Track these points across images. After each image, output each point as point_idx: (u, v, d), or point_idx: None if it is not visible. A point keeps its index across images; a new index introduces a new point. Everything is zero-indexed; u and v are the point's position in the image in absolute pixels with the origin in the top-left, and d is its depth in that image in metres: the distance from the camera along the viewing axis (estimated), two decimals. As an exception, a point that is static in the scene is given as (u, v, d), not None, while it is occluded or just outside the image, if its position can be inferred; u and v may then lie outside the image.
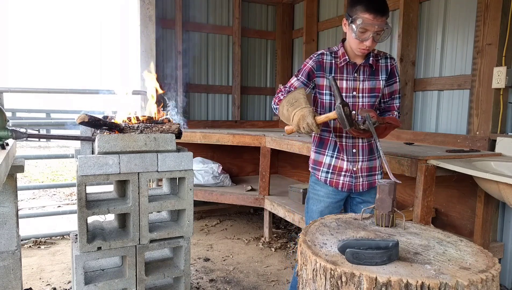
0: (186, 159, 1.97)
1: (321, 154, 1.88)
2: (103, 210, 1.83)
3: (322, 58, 1.79)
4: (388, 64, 1.82)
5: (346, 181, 1.83)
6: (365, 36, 1.63)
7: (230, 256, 3.21)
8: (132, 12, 3.87)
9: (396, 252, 1.02)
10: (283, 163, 4.64)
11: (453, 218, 2.68)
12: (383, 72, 1.81)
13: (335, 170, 1.84)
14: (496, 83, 2.43)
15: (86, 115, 1.80)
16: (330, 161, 1.85)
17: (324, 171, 1.87)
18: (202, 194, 3.67)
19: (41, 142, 11.54)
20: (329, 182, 1.85)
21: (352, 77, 1.78)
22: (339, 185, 1.84)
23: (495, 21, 2.44)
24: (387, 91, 1.86)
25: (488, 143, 2.47)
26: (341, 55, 1.78)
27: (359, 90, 1.79)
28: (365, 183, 1.86)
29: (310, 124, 1.56)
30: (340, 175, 1.84)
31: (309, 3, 4.26)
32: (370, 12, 1.60)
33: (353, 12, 1.64)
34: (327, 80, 1.78)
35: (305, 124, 1.57)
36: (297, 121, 1.58)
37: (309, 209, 1.93)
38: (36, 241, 3.39)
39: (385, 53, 1.85)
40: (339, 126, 1.77)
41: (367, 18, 1.60)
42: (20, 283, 1.87)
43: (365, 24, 1.60)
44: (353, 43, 1.69)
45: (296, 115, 1.59)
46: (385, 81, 1.82)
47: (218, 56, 4.46)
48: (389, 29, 1.65)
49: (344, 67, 1.78)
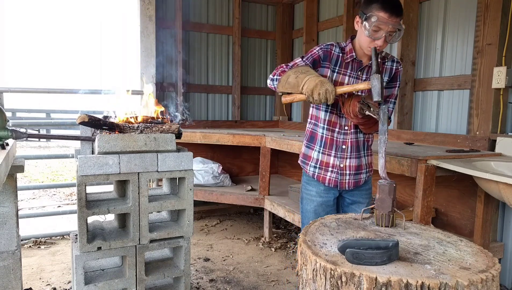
0: (186, 159, 1.97)
1: (310, 149, 1.88)
2: (103, 210, 1.83)
3: (330, 49, 1.76)
4: (393, 67, 1.81)
5: (332, 177, 1.83)
6: (378, 34, 1.62)
7: (230, 256, 3.21)
8: (132, 12, 3.87)
9: (396, 252, 1.02)
10: (283, 163, 4.64)
11: (453, 218, 2.68)
12: (386, 74, 1.80)
13: (322, 165, 1.84)
14: (496, 83, 2.43)
15: (86, 115, 1.81)
16: (317, 156, 1.85)
17: (312, 165, 1.87)
18: (202, 194, 3.67)
19: (41, 142, 11.55)
20: (316, 177, 1.86)
21: (355, 74, 1.77)
22: (325, 181, 1.84)
23: (495, 21, 2.44)
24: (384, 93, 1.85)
25: (488, 143, 2.47)
26: (348, 51, 1.76)
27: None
28: (351, 181, 1.85)
29: (330, 91, 1.47)
30: (327, 171, 1.84)
31: (309, 3, 4.26)
32: (386, 10, 1.58)
33: (368, 9, 1.62)
34: (331, 72, 1.76)
35: (323, 90, 1.47)
36: (313, 86, 1.48)
37: (304, 209, 1.94)
38: (36, 241, 3.39)
39: (393, 56, 1.82)
40: (334, 119, 1.78)
41: (382, 16, 1.58)
42: (20, 283, 1.87)
43: (380, 23, 1.59)
44: (364, 41, 1.67)
45: (311, 80, 1.50)
46: (386, 83, 1.81)
47: (218, 56, 4.46)
48: (402, 30, 1.64)
49: (350, 64, 1.76)
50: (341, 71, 1.77)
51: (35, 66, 34.51)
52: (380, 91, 1.48)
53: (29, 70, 31.91)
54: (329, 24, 4.09)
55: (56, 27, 47.05)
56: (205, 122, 4.35)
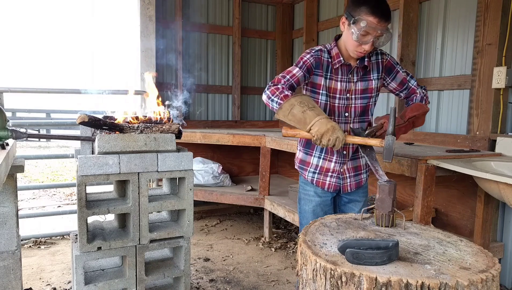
0: (186, 159, 1.97)
1: (308, 155, 1.86)
2: (103, 210, 1.83)
3: (320, 55, 1.72)
4: (379, 60, 1.76)
5: (332, 182, 1.82)
6: (366, 39, 1.57)
7: (230, 256, 3.21)
8: (132, 12, 3.87)
9: (396, 252, 1.02)
10: (283, 163, 4.64)
11: (453, 218, 2.68)
12: (374, 71, 1.76)
13: (322, 171, 1.83)
14: (496, 83, 2.43)
15: (86, 115, 1.80)
16: (317, 162, 1.83)
17: (311, 171, 1.85)
18: (202, 194, 3.67)
19: (41, 142, 11.55)
20: (315, 182, 1.85)
21: (346, 78, 1.74)
22: (325, 186, 1.83)
23: (495, 21, 2.44)
24: (395, 84, 1.81)
25: (488, 143, 2.47)
26: (335, 56, 1.72)
27: (352, 91, 1.76)
28: (353, 184, 1.85)
29: (341, 139, 1.43)
30: (326, 176, 1.83)
31: (309, 3, 4.26)
32: (375, 15, 1.53)
33: (357, 12, 1.56)
34: (324, 80, 1.72)
35: (334, 137, 1.42)
36: (324, 130, 1.42)
37: (302, 210, 1.93)
38: (36, 241, 3.39)
39: (377, 50, 1.76)
40: None
41: (372, 21, 1.53)
42: (20, 283, 1.87)
43: (369, 28, 1.54)
44: (351, 45, 1.64)
45: (323, 124, 1.43)
46: (378, 80, 1.77)
47: (218, 56, 4.46)
48: (389, 34, 1.59)
49: (339, 68, 1.73)
50: (333, 77, 1.74)
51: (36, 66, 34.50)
52: (391, 154, 1.43)
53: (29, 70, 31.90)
54: (329, 24, 4.09)
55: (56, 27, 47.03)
56: (205, 122, 4.36)
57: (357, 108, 1.78)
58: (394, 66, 1.79)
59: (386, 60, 1.78)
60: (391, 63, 1.79)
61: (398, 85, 1.82)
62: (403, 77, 1.80)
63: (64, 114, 11.91)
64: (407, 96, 1.85)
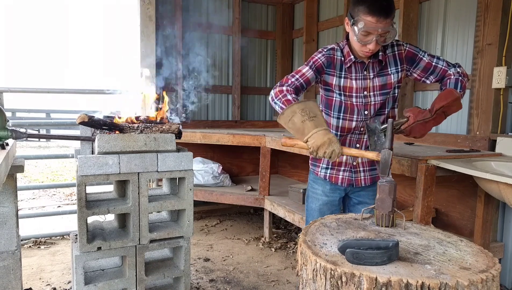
0: (186, 159, 1.97)
1: None
2: (103, 210, 1.83)
3: (333, 54, 1.67)
4: (395, 52, 1.67)
5: (345, 176, 1.81)
6: (368, 39, 1.52)
7: (230, 256, 3.21)
8: (132, 12, 3.87)
9: (396, 252, 1.02)
10: (283, 163, 4.63)
11: (453, 218, 2.68)
12: (392, 64, 1.68)
13: (334, 165, 1.81)
14: (496, 83, 2.43)
15: (86, 115, 1.80)
16: None
17: (324, 167, 1.85)
18: (202, 194, 3.67)
19: (41, 142, 11.54)
20: (328, 178, 1.83)
21: (361, 76, 1.68)
22: (338, 181, 1.82)
23: (495, 21, 2.44)
24: (417, 72, 1.70)
25: (488, 143, 2.47)
26: (346, 54, 1.67)
27: (370, 88, 1.69)
28: (367, 178, 1.81)
29: (337, 153, 1.41)
30: (339, 171, 1.81)
31: (309, 3, 4.25)
32: (373, 14, 1.47)
33: (355, 12, 1.52)
34: (337, 79, 1.68)
35: (329, 150, 1.40)
36: (320, 143, 1.40)
37: (309, 207, 1.93)
38: (36, 241, 3.39)
39: (393, 41, 1.67)
40: (347, 125, 1.73)
41: (370, 21, 1.48)
42: (20, 283, 1.87)
43: (368, 28, 1.49)
44: (355, 45, 1.60)
45: (320, 136, 1.40)
46: (398, 73, 1.69)
47: (218, 56, 4.46)
48: (394, 30, 1.52)
49: (352, 66, 1.68)
50: (347, 75, 1.69)
51: (36, 66, 34.49)
52: (387, 168, 1.36)
53: (30, 70, 31.89)
54: (329, 24, 4.09)
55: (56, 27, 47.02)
56: (205, 122, 4.35)
57: (376, 105, 1.71)
58: (416, 54, 1.68)
59: (405, 50, 1.68)
60: (412, 51, 1.68)
61: (421, 71, 1.70)
62: (427, 62, 1.68)
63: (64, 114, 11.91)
64: (438, 79, 1.71)
